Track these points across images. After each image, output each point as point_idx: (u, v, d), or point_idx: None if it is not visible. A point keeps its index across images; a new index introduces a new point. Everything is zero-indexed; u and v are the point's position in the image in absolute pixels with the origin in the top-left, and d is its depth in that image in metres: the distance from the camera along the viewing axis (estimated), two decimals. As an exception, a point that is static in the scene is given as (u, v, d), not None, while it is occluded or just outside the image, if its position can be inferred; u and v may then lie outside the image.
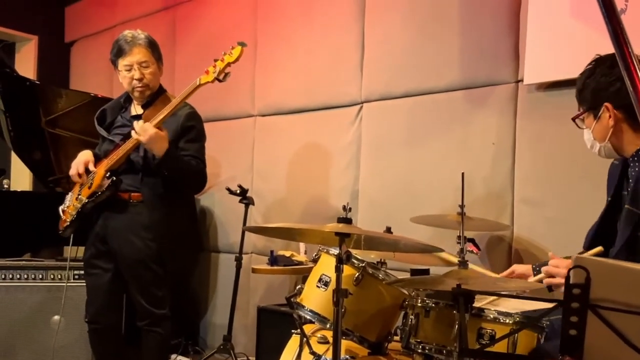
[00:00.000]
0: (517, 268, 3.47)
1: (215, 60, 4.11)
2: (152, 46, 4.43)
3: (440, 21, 4.98)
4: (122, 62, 4.38)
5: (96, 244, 4.43)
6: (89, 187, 4.34)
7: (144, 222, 4.31)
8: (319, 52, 5.82)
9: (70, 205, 4.43)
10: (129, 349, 4.71)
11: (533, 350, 2.99)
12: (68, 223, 4.41)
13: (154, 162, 4.22)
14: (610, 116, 2.99)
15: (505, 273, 3.48)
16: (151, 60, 4.40)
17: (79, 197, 4.37)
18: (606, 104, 2.98)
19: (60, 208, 4.52)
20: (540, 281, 3.14)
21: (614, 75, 2.94)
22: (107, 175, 4.29)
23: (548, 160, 4.39)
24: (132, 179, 4.33)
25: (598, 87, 3.02)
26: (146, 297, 4.36)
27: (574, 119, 3.17)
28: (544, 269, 3.10)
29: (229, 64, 4.09)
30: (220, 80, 4.11)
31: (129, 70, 4.36)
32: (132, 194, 4.33)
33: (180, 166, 4.26)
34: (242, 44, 4.07)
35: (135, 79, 4.36)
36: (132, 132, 4.18)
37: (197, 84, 4.13)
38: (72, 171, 4.44)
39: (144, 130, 4.10)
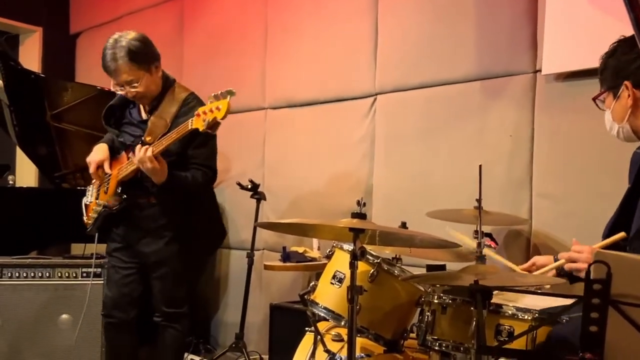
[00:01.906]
0: (538, 260, 3.48)
1: (209, 100, 3.92)
2: (136, 58, 4.24)
3: (456, 10, 4.99)
4: (112, 81, 4.32)
5: (119, 238, 4.54)
6: (105, 192, 4.41)
7: (162, 223, 4.39)
8: (332, 43, 5.83)
9: (92, 201, 4.49)
10: (143, 348, 4.76)
11: (549, 334, 3.00)
12: (91, 223, 4.50)
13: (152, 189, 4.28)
14: (629, 95, 3.03)
15: (525, 266, 3.49)
16: (138, 75, 4.27)
17: (98, 200, 4.47)
18: (626, 82, 3.03)
19: (84, 202, 4.59)
20: (560, 269, 3.16)
21: (634, 54, 2.98)
22: (119, 190, 4.36)
23: (567, 153, 4.39)
24: (147, 184, 4.34)
25: (618, 65, 3.07)
26: (167, 295, 4.46)
27: (594, 99, 3.19)
28: (565, 254, 3.09)
29: (215, 119, 3.88)
30: (210, 132, 3.97)
31: (122, 89, 4.31)
32: (150, 197, 4.38)
33: (179, 188, 4.31)
34: (230, 93, 3.85)
35: (130, 97, 4.35)
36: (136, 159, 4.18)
37: (189, 127, 3.99)
38: (91, 169, 4.47)
39: (142, 162, 4.10)
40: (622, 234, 3.02)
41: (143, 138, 4.26)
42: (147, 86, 4.33)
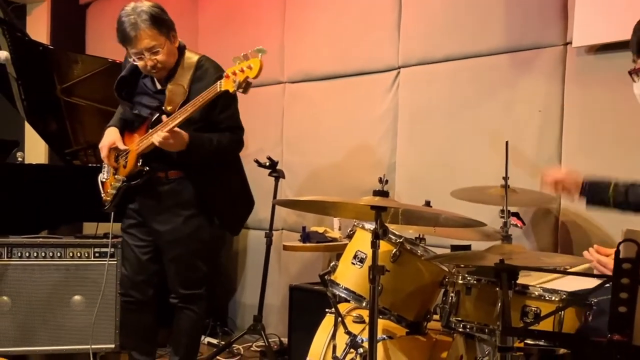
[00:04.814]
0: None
1: (235, 61, 3.96)
2: (158, 23, 4.28)
3: (483, -21, 5.01)
4: (131, 50, 4.32)
5: (133, 214, 4.59)
6: (124, 167, 4.45)
7: (183, 199, 4.43)
8: (353, 13, 5.86)
9: (109, 178, 4.54)
10: (161, 329, 4.81)
11: (580, 328, 3.04)
12: (109, 200, 4.55)
13: (185, 156, 4.29)
14: None
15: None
16: (160, 41, 4.29)
17: (116, 175, 4.50)
18: None
19: (100, 179, 4.63)
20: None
21: None
22: (140, 163, 4.39)
23: (598, 129, 4.42)
24: (167, 158, 4.37)
25: None
26: (183, 278, 4.50)
27: (630, 73, 3.16)
28: (592, 257, 3.07)
29: (247, 79, 3.93)
30: (242, 93, 4.00)
31: (140, 58, 4.32)
32: (169, 171, 4.42)
33: (209, 151, 4.34)
34: (261, 51, 3.91)
35: (149, 66, 4.33)
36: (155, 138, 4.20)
37: (218, 90, 4.03)
38: (103, 154, 4.54)
39: (164, 142, 4.15)
40: None
41: (163, 107, 4.31)
42: (167, 55, 4.33)
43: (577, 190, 3.56)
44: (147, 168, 4.38)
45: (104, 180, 4.63)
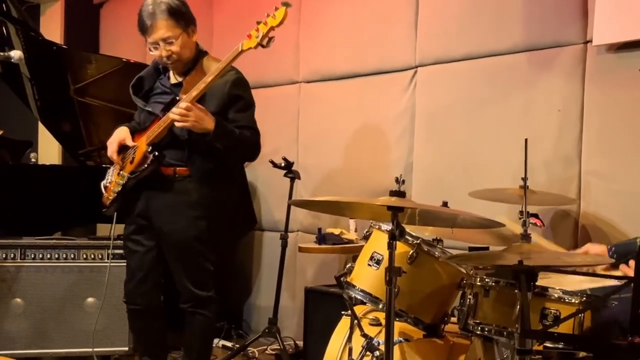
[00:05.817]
0: (592, 248, 3.50)
1: (258, 23, 4.04)
2: (176, 15, 4.33)
3: (501, -24, 5.00)
4: (148, 40, 4.38)
5: (137, 219, 4.52)
6: (131, 162, 4.41)
7: (190, 199, 4.37)
8: (369, 12, 5.85)
9: (112, 181, 4.52)
10: (171, 334, 4.80)
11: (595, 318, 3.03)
12: (111, 200, 4.51)
13: (206, 139, 4.23)
14: None
15: (578, 251, 3.51)
16: (176, 33, 4.32)
17: (121, 172, 4.46)
18: None
19: (102, 184, 4.60)
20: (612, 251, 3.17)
21: None
22: (149, 150, 4.35)
23: (619, 128, 4.40)
24: (176, 153, 4.37)
25: None
26: (191, 278, 4.44)
27: None
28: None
29: (272, 28, 4.00)
30: (263, 46, 4.02)
31: (156, 48, 4.36)
32: (177, 168, 4.38)
33: (234, 138, 4.31)
34: (286, 4, 3.98)
35: (164, 57, 4.37)
36: (172, 114, 4.17)
37: (239, 49, 4.08)
38: (109, 152, 4.52)
39: (184, 115, 4.11)
40: None
41: (178, 97, 4.29)
42: (182, 47, 4.36)
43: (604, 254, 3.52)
44: (157, 153, 4.33)
45: (106, 184, 4.59)
